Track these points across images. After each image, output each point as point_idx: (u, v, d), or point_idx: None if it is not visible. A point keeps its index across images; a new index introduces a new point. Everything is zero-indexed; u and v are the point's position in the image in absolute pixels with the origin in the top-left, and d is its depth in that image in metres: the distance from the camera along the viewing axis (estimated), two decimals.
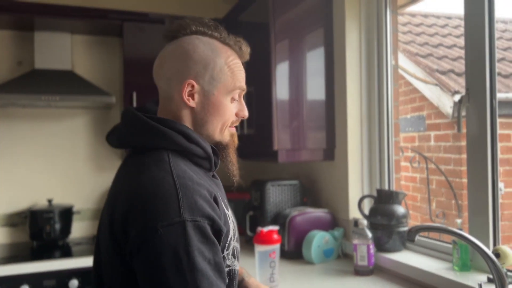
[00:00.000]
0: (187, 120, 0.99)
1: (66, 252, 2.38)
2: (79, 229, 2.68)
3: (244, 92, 1.07)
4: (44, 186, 2.64)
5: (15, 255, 2.32)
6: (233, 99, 1.03)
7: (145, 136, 0.96)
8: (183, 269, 0.80)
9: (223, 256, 0.92)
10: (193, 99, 0.98)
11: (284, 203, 2.19)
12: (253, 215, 2.24)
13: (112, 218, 0.89)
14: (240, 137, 2.25)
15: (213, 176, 1.07)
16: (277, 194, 2.19)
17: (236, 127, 1.09)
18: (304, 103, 2.07)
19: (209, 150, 0.99)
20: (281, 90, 2.02)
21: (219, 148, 1.05)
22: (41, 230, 2.42)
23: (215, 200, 0.90)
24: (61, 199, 2.64)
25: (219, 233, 0.88)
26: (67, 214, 2.52)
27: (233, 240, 0.98)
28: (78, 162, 2.71)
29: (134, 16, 2.51)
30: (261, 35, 2.08)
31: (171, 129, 0.95)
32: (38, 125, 2.66)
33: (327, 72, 2.11)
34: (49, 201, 2.53)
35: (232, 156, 1.07)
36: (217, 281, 0.84)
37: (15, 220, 2.57)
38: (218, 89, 0.99)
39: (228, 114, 1.02)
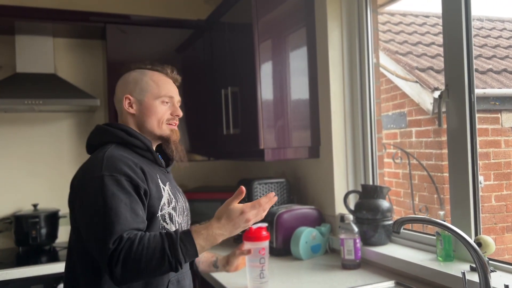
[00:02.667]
0: (132, 123, 1.34)
1: (53, 257, 2.37)
2: (66, 233, 2.62)
3: (174, 99, 1.37)
4: (29, 191, 2.61)
5: (0, 262, 2.29)
6: (163, 102, 1.35)
7: (98, 136, 1.33)
8: (99, 209, 1.11)
9: (157, 215, 1.22)
10: (132, 107, 1.34)
11: None
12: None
13: (70, 203, 1.26)
14: (226, 136, 2.28)
15: (168, 173, 1.39)
16: (264, 192, 2.21)
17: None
18: (288, 102, 2.10)
19: (148, 143, 1.31)
20: (266, 89, 2.04)
21: (164, 141, 1.36)
22: (27, 235, 2.40)
23: (142, 170, 1.21)
24: (46, 204, 2.62)
25: (137, 188, 1.16)
26: (53, 218, 2.50)
27: (167, 207, 1.26)
28: (63, 166, 2.69)
29: (117, 19, 2.50)
30: (244, 35, 2.10)
31: (115, 128, 1.31)
32: (21, 130, 2.63)
33: (311, 71, 2.14)
34: (34, 206, 2.50)
35: (176, 146, 1.37)
36: (129, 217, 1.11)
37: None
38: (147, 96, 1.34)
39: (160, 112, 1.34)
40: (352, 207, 1.96)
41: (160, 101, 1.34)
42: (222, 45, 2.41)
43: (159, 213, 1.23)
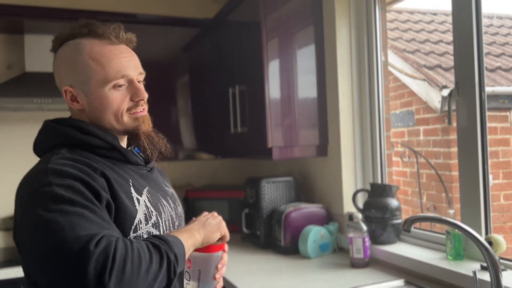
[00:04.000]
0: (86, 118, 1.05)
1: None
2: None
3: (131, 77, 1.04)
4: None
5: (11, 259, 2.30)
6: (116, 87, 1.02)
7: (45, 137, 1.05)
8: (54, 224, 0.81)
9: (129, 238, 0.94)
10: (77, 102, 1.03)
11: (279, 200, 2.22)
12: (248, 212, 2.26)
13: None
14: (233, 135, 2.28)
15: (150, 171, 1.13)
16: (272, 191, 2.21)
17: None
18: (296, 100, 2.10)
19: (111, 139, 1.03)
20: (274, 88, 2.04)
21: (131, 135, 1.09)
22: None
23: (103, 176, 0.94)
24: None
25: (98, 196, 0.89)
26: None
27: (145, 224, 0.99)
28: None
29: (123, 18, 2.51)
30: (252, 34, 2.10)
31: (64, 125, 1.03)
32: (30, 129, 2.63)
33: (319, 69, 2.14)
34: None
35: (149, 138, 1.09)
36: (102, 222, 0.85)
37: (9, 224, 2.55)
38: (92, 85, 1.01)
39: (115, 104, 1.02)
40: (360, 205, 1.96)
41: (110, 87, 1.01)
42: (229, 44, 2.41)
43: (132, 234, 0.96)
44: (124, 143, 1.12)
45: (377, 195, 1.87)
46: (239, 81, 2.25)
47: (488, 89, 2.91)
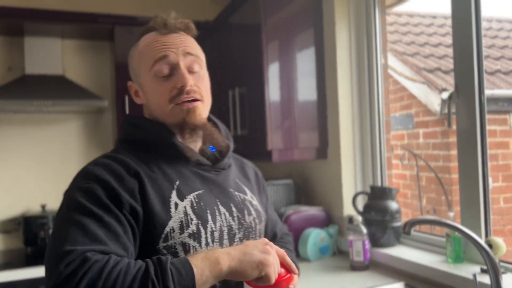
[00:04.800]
0: (149, 115, 1.02)
1: None
2: None
3: (170, 59, 0.95)
4: (37, 191, 2.63)
5: (9, 262, 2.30)
6: (158, 75, 0.95)
7: (119, 133, 1.06)
8: (57, 225, 0.81)
9: (159, 248, 0.85)
10: (138, 97, 1.03)
11: (279, 202, 2.22)
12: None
13: None
14: (233, 137, 2.28)
15: (219, 172, 1.00)
16: (271, 194, 2.21)
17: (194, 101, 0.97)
18: (296, 103, 2.10)
19: (164, 134, 0.95)
20: (274, 90, 2.04)
21: (184, 129, 0.97)
22: (35, 236, 2.41)
23: (137, 176, 0.87)
24: (55, 204, 2.63)
25: (118, 202, 0.82)
26: None
27: (180, 233, 0.87)
28: (71, 166, 2.70)
29: (125, 20, 2.51)
30: (252, 36, 2.10)
31: (125, 121, 1.02)
32: (30, 131, 2.64)
33: (318, 71, 2.14)
34: (43, 206, 2.51)
35: (207, 130, 0.99)
36: (101, 234, 0.78)
37: (8, 226, 2.55)
38: (142, 77, 0.98)
39: (157, 93, 0.95)
40: (360, 208, 1.96)
41: (152, 76, 0.95)
42: (229, 46, 2.42)
43: (162, 244, 0.85)
44: (190, 140, 0.99)
45: (377, 198, 1.87)
46: (239, 83, 2.25)
47: (487, 92, 2.91)
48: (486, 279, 1.28)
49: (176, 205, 0.89)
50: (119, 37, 2.49)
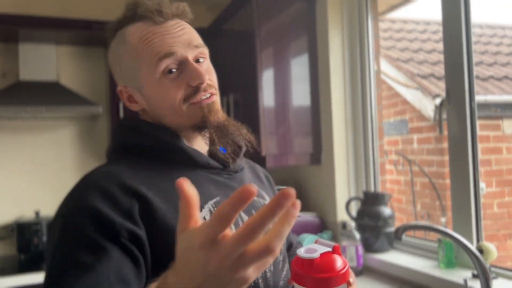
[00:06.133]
0: (151, 120, 0.88)
1: None
2: None
3: (182, 55, 0.82)
4: (31, 198, 2.62)
5: (2, 269, 2.29)
6: (166, 73, 0.81)
7: (111, 139, 0.90)
8: (48, 268, 0.68)
9: None
10: (136, 102, 0.86)
11: None
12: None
13: None
14: None
15: (232, 175, 0.88)
16: None
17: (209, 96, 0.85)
18: (290, 109, 2.11)
19: (169, 138, 0.83)
20: (268, 96, 2.05)
21: (199, 130, 0.85)
22: (29, 242, 2.40)
23: (136, 196, 0.73)
24: (48, 211, 2.62)
25: (114, 232, 0.68)
26: None
27: None
28: (65, 173, 2.70)
29: None
30: (246, 43, 2.12)
31: (120, 126, 0.88)
32: (23, 137, 2.64)
33: (312, 78, 2.15)
34: (36, 213, 2.51)
35: (217, 131, 0.85)
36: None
37: (1, 233, 2.54)
38: (142, 78, 0.82)
39: (170, 93, 0.81)
40: (354, 214, 1.96)
41: (160, 75, 0.81)
42: (224, 53, 2.43)
43: None
44: (198, 142, 0.88)
45: (370, 204, 1.88)
46: (233, 89, 2.26)
47: (480, 98, 2.94)
48: (477, 284, 1.29)
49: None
50: None
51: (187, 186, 0.48)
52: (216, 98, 0.87)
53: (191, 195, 0.49)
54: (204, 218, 0.77)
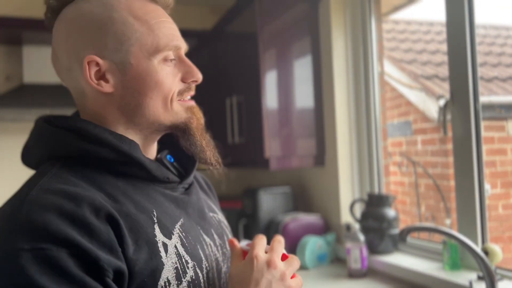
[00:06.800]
0: (111, 115, 0.71)
1: None
2: None
3: (182, 50, 0.76)
4: None
5: None
6: (166, 61, 0.72)
7: (35, 144, 0.73)
8: None
9: None
10: (105, 81, 0.70)
11: (276, 210, 2.21)
12: (246, 223, 2.26)
13: None
14: (231, 145, 2.29)
15: (188, 189, 0.79)
16: (269, 202, 2.21)
17: (193, 98, 0.80)
18: (293, 110, 2.11)
19: (127, 149, 0.68)
20: (271, 98, 2.05)
21: (178, 132, 0.76)
22: None
23: (110, 219, 0.60)
24: None
25: (94, 268, 0.56)
26: None
27: (177, 285, 0.65)
28: None
29: None
30: (249, 45, 2.12)
31: (62, 127, 0.69)
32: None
33: (315, 79, 2.15)
34: None
35: (201, 137, 0.77)
36: None
37: None
38: (134, 53, 0.69)
39: (166, 82, 0.71)
40: (358, 216, 1.96)
41: (160, 60, 0.71)
42: (227, 55, 2.43)
43: None
44: (153, 149, 0.78)
45: (374, 205, 1.87)
46: (236, 91, 2.26)
47: (484, 99, 2.93)
48: (482, 286, 1.28)
49: (165, 246, 0.65)
50: None
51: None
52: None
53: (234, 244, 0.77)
54: (176, 246, 0.67)
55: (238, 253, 0.75)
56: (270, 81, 2.05)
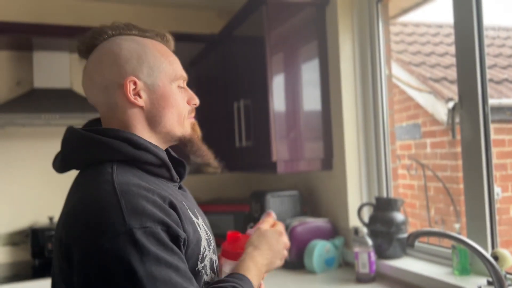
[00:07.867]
0: (139, 124, 0.91)
1: None
2: None
3: (185, 82, 1.00)
4: (45, 204, 2.65)
5: (17, 274, 2.32)
6: (179, 87, 0.96)
7: (86, 151, 0.88)
8: (139, 281, 0.71)
9: (198, 269, 0.86)
10: (140, 97, 0.90)
11: (284, 214, 2.21)
12: (253, 227, 2.25)
13: (59, 243, 0.82)
14: (238, 149, 2.29)
15: (181, 188, 1.01)
16: (277, 205, 2.20)
17: (195, 117, 1.04)
18: (300, 114, 2.11)
19: (163, 155, 0.90)
20: (278, 102, 2.05)
21: (184, 143, 0.98)
22: (43, 248, 2.43)
23: (172, 206, 0.82)
24: None
25: (177, 239, 0.79)
26: None
27: (208, 251, 0.90)
28: None
29: None
30: (256, 48, 2.12)
31: (114, 138, 0.86)
32: (37, 144, 2.67)
33: (323, 83, 2.15)
34: (50, 218, 2.54)
35: (201, 146, 1.02)
36: (187, 285, 0.76)
37: (16, 239, 2.57)
38: (161, 79, 0.92)
39: (181, 103, 0.95)
40: (366, 220, 1.95)
41: (176, 86, 0.95)
42: (234, 58, 2.43)
43: (200, 265, 0.87)
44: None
45: (382, 209, 1.86)
46: (244, 95, 2.27)
47: (494, 101, 2.90)
48: None
49: (198, 224, 0.90)
50: None
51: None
52: None
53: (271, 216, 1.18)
54: (203, 224, 0.93)
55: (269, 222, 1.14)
56: (277, 85, 2.05)
